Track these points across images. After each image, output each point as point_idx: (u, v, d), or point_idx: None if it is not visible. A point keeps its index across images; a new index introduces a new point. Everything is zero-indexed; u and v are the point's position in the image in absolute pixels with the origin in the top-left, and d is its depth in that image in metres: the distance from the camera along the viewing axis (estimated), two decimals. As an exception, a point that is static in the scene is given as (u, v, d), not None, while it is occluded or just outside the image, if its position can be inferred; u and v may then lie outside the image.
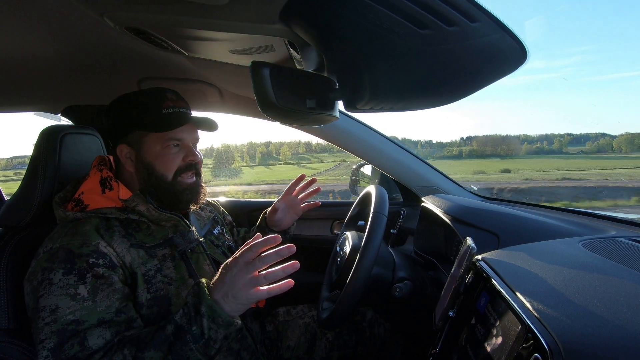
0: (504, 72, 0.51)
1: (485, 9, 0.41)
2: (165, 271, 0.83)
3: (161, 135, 0.85)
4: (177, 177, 0.88)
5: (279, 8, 0.51)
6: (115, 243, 0.79)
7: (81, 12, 0.60)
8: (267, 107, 0.57)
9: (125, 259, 0.79)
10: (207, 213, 1.11)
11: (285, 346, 1.08)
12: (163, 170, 0.87)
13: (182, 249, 0.86)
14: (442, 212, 1.12)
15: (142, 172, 0.87)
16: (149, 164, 0.86)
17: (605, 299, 0.50)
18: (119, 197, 0.84)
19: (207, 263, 0.91)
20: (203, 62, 0.87)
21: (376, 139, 1.39)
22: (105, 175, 0.86)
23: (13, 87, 1.06)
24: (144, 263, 0.81)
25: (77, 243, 0.75)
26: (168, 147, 0.86)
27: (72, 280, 0.72)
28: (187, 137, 0.88)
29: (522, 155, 51.54)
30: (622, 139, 42.22)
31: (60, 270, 0.72)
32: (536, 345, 0.45)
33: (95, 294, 0.72)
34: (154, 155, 0.86)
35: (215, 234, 1.07)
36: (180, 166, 0.88)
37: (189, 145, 0.89)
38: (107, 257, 0.76)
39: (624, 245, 0.72)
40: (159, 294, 0.81)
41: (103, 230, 0.80)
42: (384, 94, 0.57)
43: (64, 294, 0.70)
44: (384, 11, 0.41)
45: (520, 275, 0.61)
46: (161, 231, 0.87)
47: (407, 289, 0.95)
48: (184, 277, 0.85)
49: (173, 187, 0.88)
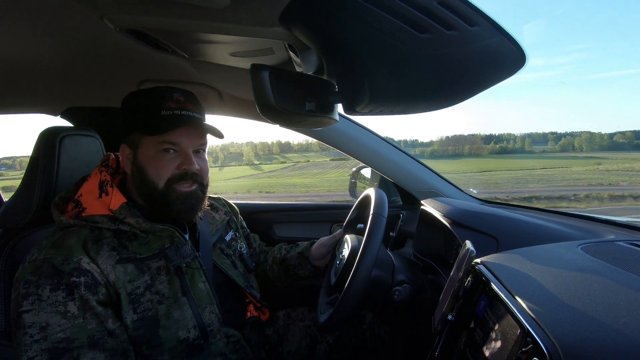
0: (503, 76, 0.51)
1: (484, 13, 0.41)
2: (157, 287, 0.80)
3: (153, 139, 0.80)
4: (170, 185, 0.81)
5: (279, 11, 0.51)
6: (100, 259, 0.75)
7: (81, 15, 0.60)
8: (266, 109, 0.57)
9: (109, 277, 0.75)
10: (222, 215, 1.08)
11: (286, 351, 1.07)
12: (154, 176, 0.81)
13: (176, 264, 0.82)
14: (442, 215, 1.12)
15: (136, 177, 0.83)
16: (142, 168, 0.81)
17: (605, 303, 0.50)
18: (109, 206, 0.80)
19: (202, 280, 0.87)
20: (203, 64, 0.87)
21: (375, 141, 1.39)
22: (103, 179, 0.83)
23: (13, 89, 1.06)
24: (132, 280, 0.77)
25: (60, 258, 0.72)
26: (162, 152, 0.80)
27: (61, 297, 0.70)
28: (185, 142, 0.82)
29: (485, 155, 51.77)
30: (583, 139, 42.55)
31: (47, 286, 0.70)
32: (535, 349, 0.45)
33: (85, 312, 0.71)
34: (147, 159, 0.81)
35: (227, 240, 1.03)
36: (174, 174, 0.81)
37: (187, 152, 0.82)
38: (89, 275, 0.73)
39: (623, 249, 0.72)
40: (146, 315, 0.77)
41: (90, 244, 0.76)
42: (384, 97, 0.57)
43: (54, 312, 0.69)
44: (384, 15, 0.41)
45: (519, 279, 0.61)
46: (157, 241, 0.83)
47: (406, 292, 0.94)
48: (177, 295, 0.81)
49: (164, 197, 0.81)
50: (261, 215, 1.61)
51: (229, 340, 0.91)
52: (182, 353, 0.81)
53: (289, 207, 1.65)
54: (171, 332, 0.79)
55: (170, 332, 0.79)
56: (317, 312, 0.98)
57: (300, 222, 1.63)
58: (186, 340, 0.81)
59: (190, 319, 0.82)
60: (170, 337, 0.79)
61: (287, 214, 1.63)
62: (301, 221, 1.63)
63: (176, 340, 0.80)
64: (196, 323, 0.82)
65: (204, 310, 0.85)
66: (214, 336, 0.88)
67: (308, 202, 1.67)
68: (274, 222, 1.61)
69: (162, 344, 0.78)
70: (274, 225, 1.61)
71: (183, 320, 0.81)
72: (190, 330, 0.81)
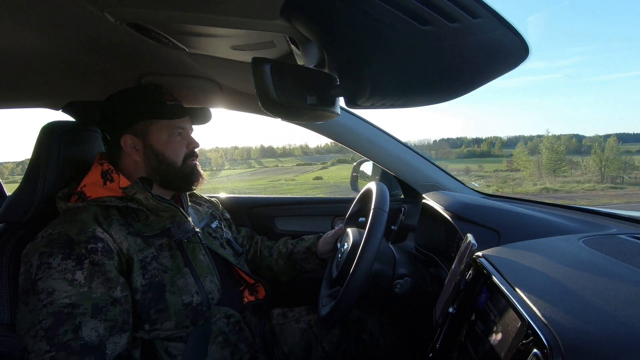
0: (506, 69, 0.51)
1: (487, 5, 0.41)
2: (161, 260, 0.86)
3: (168, 124, 0.92)
4: (185, 162, 0.96)
5: (280, 4, 0.51)
6: (113, 230, 0.81)
7: (81, 8, 0.59)
8: (267, 103, 0.57)
9: (122, 245, 0.81)
10: (205, 209, 1.13)
11: (280, 351, 1.07)
12: (173, 156, 0.94)
13: (178, 239, 0.89)
14: (443, 209, 1.12)
15: (152, 160, 0.92)
16: (158, 151, 0.92)
17: (606, 296, 0.51)
18: (119, 186, 0.87)
19: (202, 253, 0.93)
20: (204, 58, 0.87)
21: (377, 135, 1.39)
22: (106, 168, 0.90)
23: (13, 84, 1.06)
24: (141, 250, 0.84)
25: (75, 230, 0.77)
26: (173, 135, 0.94)
27: (70, 266, 0.74)
28: (187, 127, 0.98)
29: (453, 159, 51.70)
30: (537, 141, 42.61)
31: (60, 255, 0.74)
32: (536, 341, 0.45)
33: (92, 280, 0.75)
34: (162, 143, 0.93)
35: (213, 227, 1.08)
36: (186, 153, 0.96)
37: (189, 134, 0.99)
38: (105, 242, 0.79)
39: (624, 242, 0.73)
40: (154, 280, 0.83)
41: (102, 218, 0.82)
42: (385, 90, 0.57)
43: (61, 278, 0.73)
44: (386, 7, 0.41)
45: (520, 272, 0.61)
46: (159, 222, 0.89)
47: (408, 286, 0.95)
48: (180, 266, 0.87)
49: (182, 171, 0.95)
50: (263, 209, 1.62)
51: (229, 321, 0.94)
52: (187, 319, 0.85)
53: (291, 200, 1.65)
54: (176, 297, 0.84)
55: (175, 297, 0.84)
56: (319, 305, 0.98)
57: (302, 216, 1.63)
58: (190, 304, 0.85)
59: (192, 285, 0.87)
60: (176, 301, 0.84)
61: (288, 207, 1.63)
62: (303, 215, 1.63)
63: (181, 304, 0.84)
64: (198, 289, 0.87)
65: (204, 279, 0.90)
66: (215, 315, 0.92)
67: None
68: (275, 216, 1.62)
69: (168, 307, 0.83)
70: (276, 219, 1.62)
71: (186, 287, 0.86)
72: (193, 295, 0.86)
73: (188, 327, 0.85)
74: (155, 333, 0.83)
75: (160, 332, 0.83)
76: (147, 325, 0.82)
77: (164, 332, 0.83)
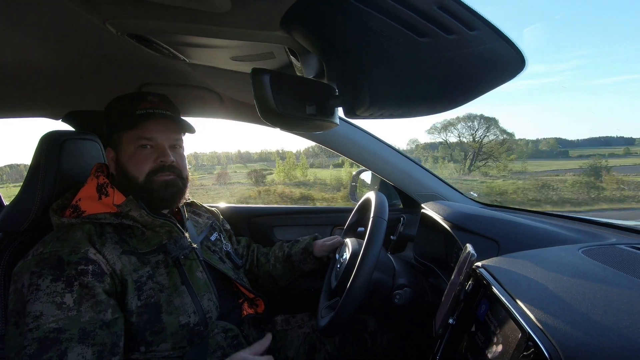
0: (503, 80, 0.52)
1: (484, 17, 0.41)
2: (157, 278, 0.83)
3: (132, 134, 0.86)
4: (150, 178, 0.87)
5: (279, 15, 0.51)
6: (106, 250, 0.79)
7: (83, 19, 0.60)
8: (267, 113, 0.57)
9: (115, 266, 0.79)
10: (205, 220, 1.11)
11: (283, 356, 1.06)
12: (135, 171, 0.87)
13: (174, 256, 0.87)
14: (442, 219, 1.12)
15: (119, 174, 0.89)
16: (123, 165, 0.88)
17: (606, 307, 0.50)
18: (113, 203, 0.85)
19: (200, 270, 0.91)
20: (204, 68, 0.88)
21: (376, 145, 1.39)
22: (101, 182, 0.88)
23: (15, 93, 1.07)
24: (136, 270, 0.81)
25: (67, 250, 0.75)
26: (140, 147, 0.87)
27: (60, 288, 0.72)
28: (159, 137, 0.88)
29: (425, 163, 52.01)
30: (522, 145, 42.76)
31: (49, 276, 0.72)
32: (537, 353, 0.45)
33: (80, 304, 0.72)
34: (128, 156, 0.87)
35: (212, 240, 1.07)
36: (152, 168, 0.87)
37: (162, 146, 0.88)
38: (96, 264, 0.76)
39: (624, 253, 0.72)
40: (149, 301, 0.81)
41: (95, 237, 0.80)
42: (384, 101, 0.57)
43: (49, 302, 0.70)
44: (384, 19, 0.42)
45: (520, 283, 0.61)
46: (155, 237, 0.87)
47: (407, 296, 0.94)
48: (177, 285, 0.85)
49: (145, 188, 0.87)
50: (262, 218, 1.61)
51: (227, 335, 0.92)
52: (184, 340, 0.83)
53: (290, 210, 1.65)
54: (173, 317, 0.82)
55: (172, 317, 0.82)
56: (318, 316, 0.97)
57: (301, 226, 1.62)
58: (187, 325, 0.83)
59: (189, 305, 0.85)
60: (172, 322, 0.81)
61: (287, 217, 1.63)
62: (302, 224, 1.63)
63: (178, 325, 0.82)
64: (195, 309, 0.85)
65: (202, 298, 0.88)
66: (212, 330, 0.90)
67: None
68: (274, 226, 1.61)
69: (165, 329, 0.81)
70: (275, 229, 1.61)
71: (183, 307, 0.83)
72: (190, 315, 0.84)
73: (185, 347, 0.83)
74: (151, 354, 0.81)
75: (156, 353, 0.81)
76: (142, 348, 0.80)
77: (161, 354, 0.81)
